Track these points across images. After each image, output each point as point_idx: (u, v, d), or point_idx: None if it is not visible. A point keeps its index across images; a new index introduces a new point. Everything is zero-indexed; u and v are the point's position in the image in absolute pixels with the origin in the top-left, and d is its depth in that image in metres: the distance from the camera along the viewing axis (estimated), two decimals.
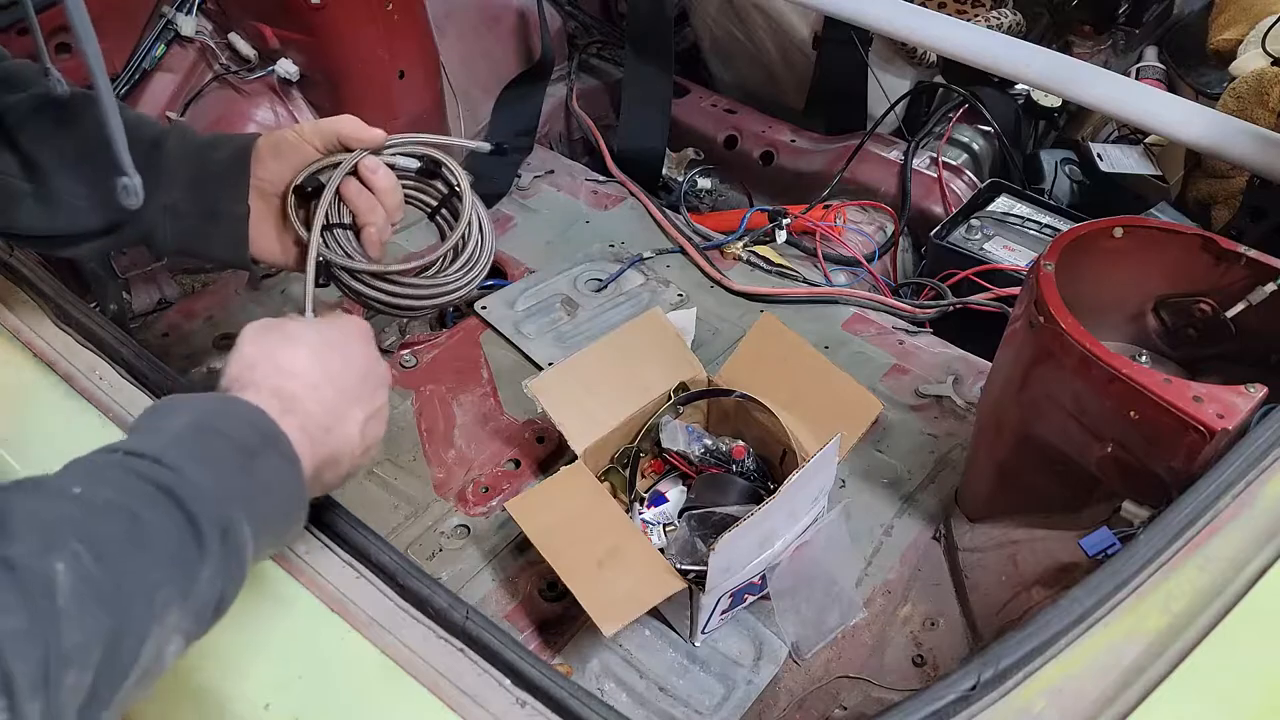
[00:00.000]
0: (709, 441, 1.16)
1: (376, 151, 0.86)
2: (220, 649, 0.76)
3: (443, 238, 0.89)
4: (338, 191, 0.84)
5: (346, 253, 0.85)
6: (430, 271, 0.89)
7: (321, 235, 0.84)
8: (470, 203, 0.88)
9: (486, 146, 0.98)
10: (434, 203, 0.90)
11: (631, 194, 1.68)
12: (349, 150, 0.85)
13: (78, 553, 0.48)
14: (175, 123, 0.86)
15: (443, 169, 0.89)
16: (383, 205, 0.85)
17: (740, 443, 1.16)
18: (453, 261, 0.89)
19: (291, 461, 0.64)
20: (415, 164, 0.88)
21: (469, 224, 0.89)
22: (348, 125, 0.84)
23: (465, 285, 0.89)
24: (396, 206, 0.86)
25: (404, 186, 0.88)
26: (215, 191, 0.83)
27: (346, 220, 0.85)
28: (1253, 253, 0.94)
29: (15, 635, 0.44)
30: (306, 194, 0.85)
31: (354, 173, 0.85)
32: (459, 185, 0.89)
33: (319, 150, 0.85)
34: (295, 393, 0.67)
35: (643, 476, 1.18)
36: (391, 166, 0.87)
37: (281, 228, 0.86)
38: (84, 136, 0.81)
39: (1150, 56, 1.93)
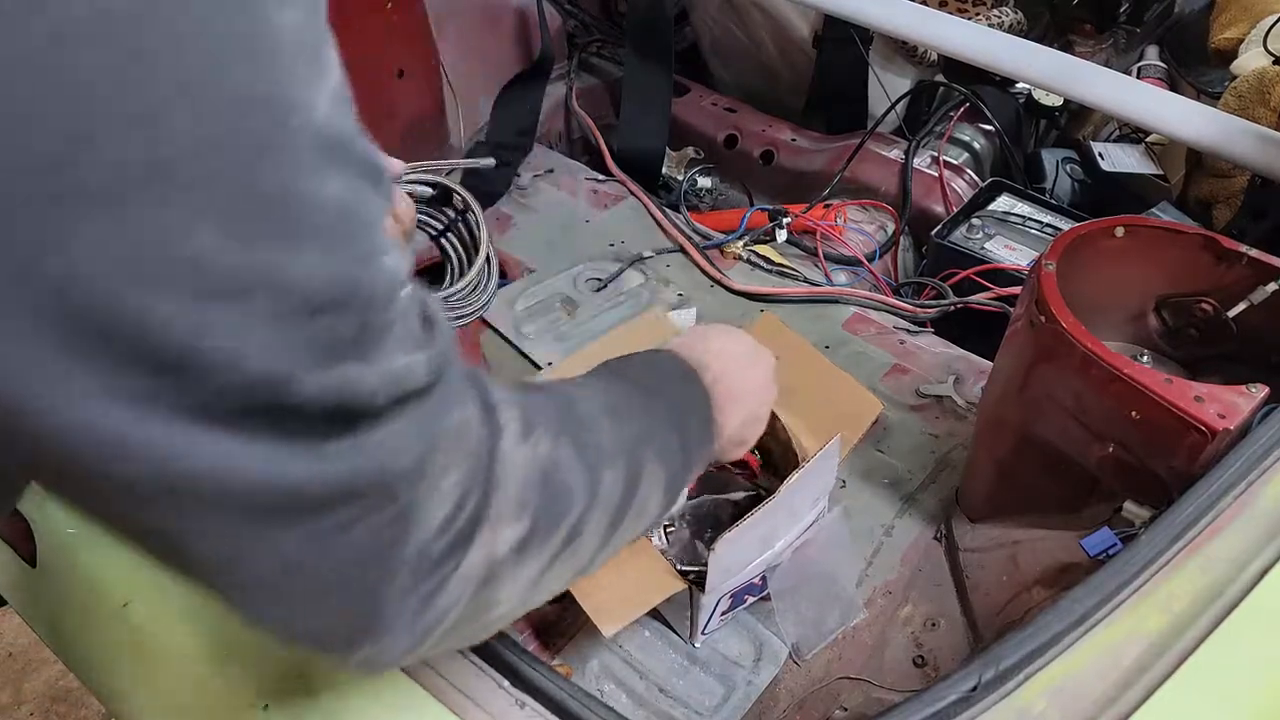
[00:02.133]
0: None
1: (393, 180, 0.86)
2: (219, 649, 0.76)
3: (445, 257, 0.91)
4: None
5: None
6: (457, 297, 0.90)
7: None
8: (486, 232, 0.91)
9: (491, 162, 0.99)
10: (440, 226, 0.91)
11: (631, 193, 1.68)
12: None
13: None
14: None
15: (454, 196, 0.91)
16: (401, 232, 0.86)
17: None
18: (475, 287, 0.91)
19: (705, 403, 0.78)
20: (429, 192, 0.89)
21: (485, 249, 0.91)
22: None
23: (484, 306, 0.91)
24: (412, 233, 0.88)
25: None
26: None
27: None
28: (1254, 252, 0.93)
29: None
30: None
31: None
32: (473, 213, 0.91)
33: None
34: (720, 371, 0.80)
35: None
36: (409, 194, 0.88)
37: None
38: None
39: (1151, 55, 1.93)
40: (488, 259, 0.92)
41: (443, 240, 0.93)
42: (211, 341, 0.36)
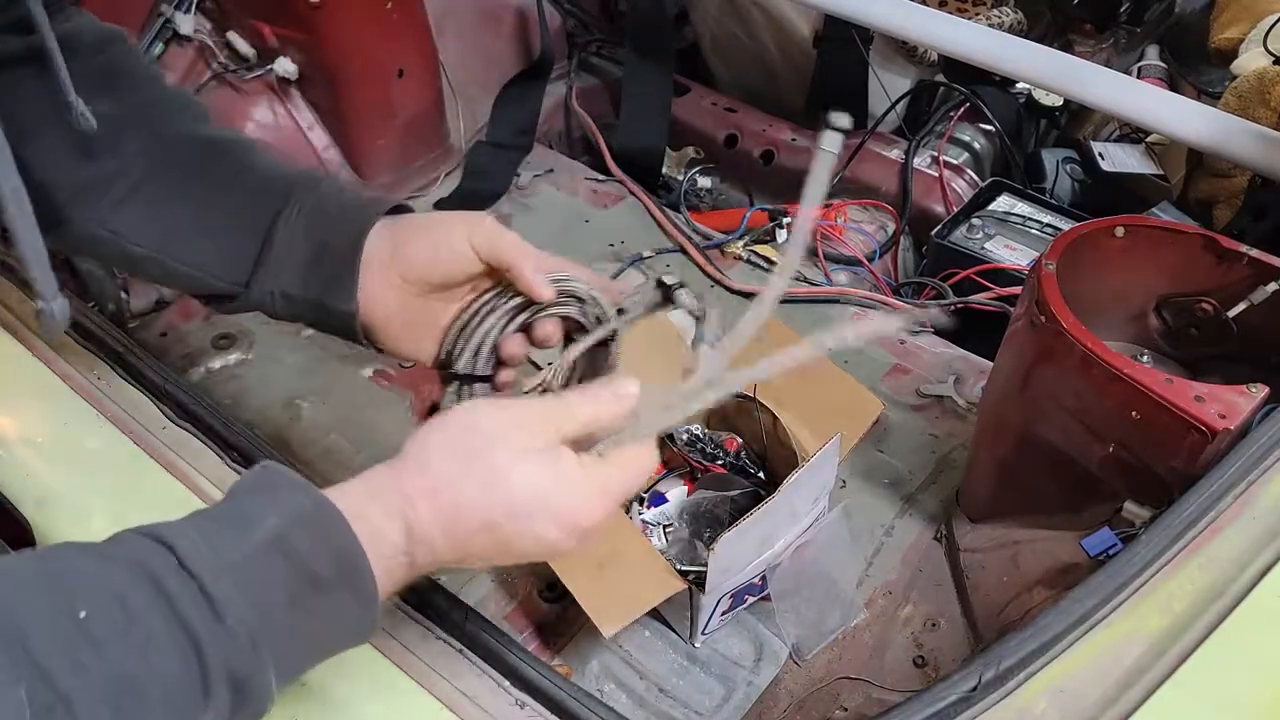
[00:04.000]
0: (697, 429, 1.16)
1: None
2: None
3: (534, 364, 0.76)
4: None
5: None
6: None
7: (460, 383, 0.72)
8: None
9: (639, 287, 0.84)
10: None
11: (631, 193, 1.68)
12: (497, 270, 0.72)
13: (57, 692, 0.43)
14: (309, 178, 0.76)
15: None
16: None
17: (730, 435, 1.16)
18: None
19: (365, 601, 0.54)
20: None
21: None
22: (527, 263, 0.71)
23: None
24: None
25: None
26: (323, 284, 0.73)
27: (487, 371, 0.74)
28: (1254, 252, 0.93)
29: None
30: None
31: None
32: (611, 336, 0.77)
33: (480, 256, 0.71)
34: (430, 535, 0.56)
35: None
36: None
37: (419, 318, 0.74)
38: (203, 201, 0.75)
39: (1151, 55, 1.93)
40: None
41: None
42: None
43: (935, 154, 1.67)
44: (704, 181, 1.77)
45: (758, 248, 1.55)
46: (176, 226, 0.75)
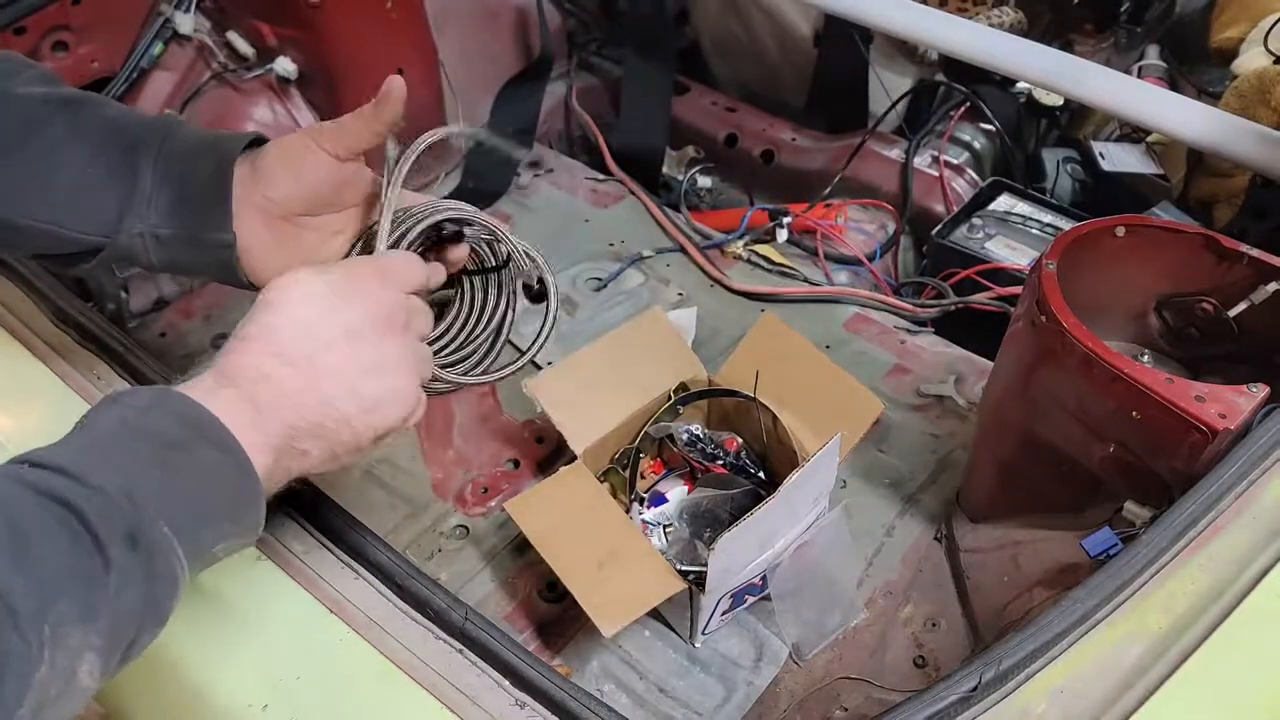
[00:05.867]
0: (697, 429, 1.16)
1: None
2: (218, 650, 0.76)
3: (460, 299, 0.81)
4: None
5: None
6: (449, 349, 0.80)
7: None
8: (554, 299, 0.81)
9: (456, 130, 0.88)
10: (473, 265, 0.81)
11: (631, 192, 1.68)
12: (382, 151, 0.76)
13: None
14: (165, 122, 0.77)
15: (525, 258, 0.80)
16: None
17: (730, 435, 1.16)
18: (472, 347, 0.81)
19: (226, 449, 0.57)
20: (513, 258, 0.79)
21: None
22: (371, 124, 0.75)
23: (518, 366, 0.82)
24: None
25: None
26: (195, 217, 0.74)
27: None
28: (1255, 252, 0.93)
29: None
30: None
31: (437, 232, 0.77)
32: (541, 273, 0.80)
33: (338, 156, 0.75)
34: (264, 369, 0.60)
35: (642, 477, 1.18)
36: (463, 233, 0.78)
37: (294, 251, 0.76)
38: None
39: (1152, 55, 1.93)
40: (498, 329, 0.81)
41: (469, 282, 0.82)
42: None
43: (936, 153, 1.67)
44: (704, 181, 1.77)
45: (758, 247, 1.55)
46: (20, 184, 0.73)
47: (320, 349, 0.61)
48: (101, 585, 0.49)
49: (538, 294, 0.81)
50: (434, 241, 0.79)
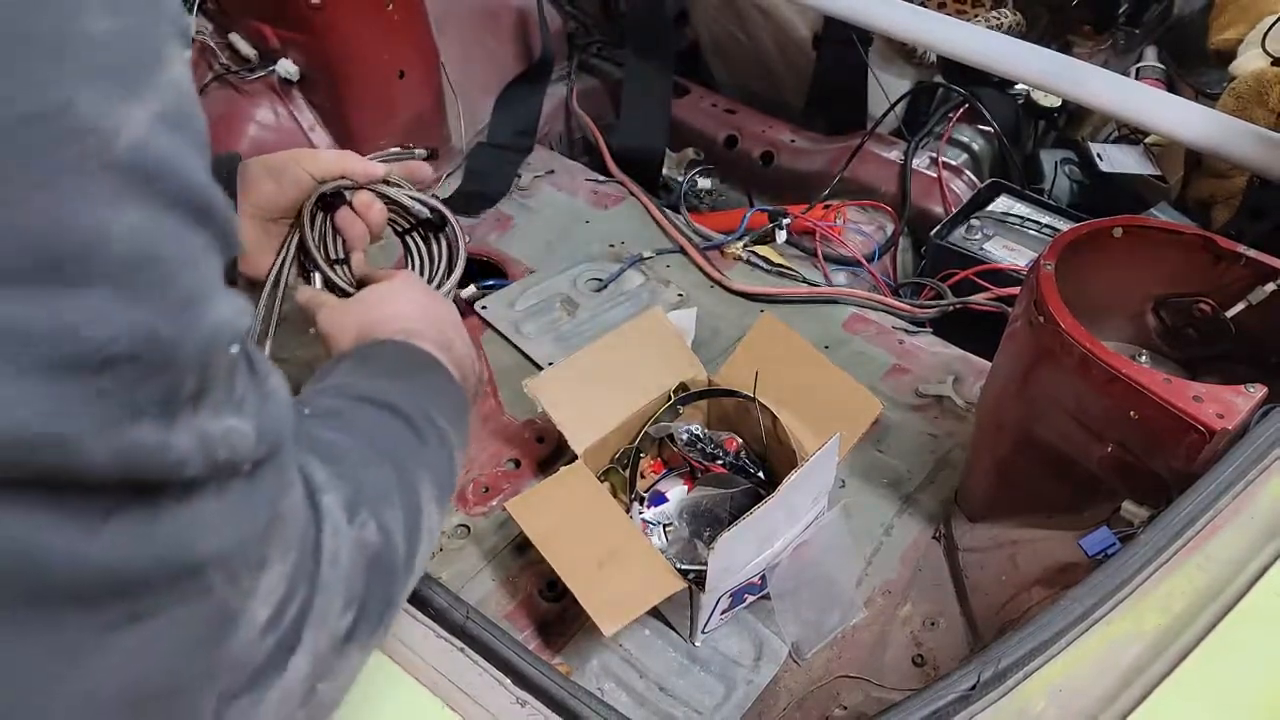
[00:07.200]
0: (697, 429, 1.16)
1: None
2: None
3: (407, 254, 0.96)
4: (332, 220, 0.90)
5: (333, 281, 0.90)
6: None
7: (308, 259, 0.89)
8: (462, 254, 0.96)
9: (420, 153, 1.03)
10: (406, 225, 0.95)
11: (631, 194, 1.68)
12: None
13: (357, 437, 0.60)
14: None
15: (447, 223, 0.95)
16: (370, 233, 0.91)
17: (730, 435, 1.16)
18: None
19: (442, 371, 0.76)
20: (425, 213, 0.93)
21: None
22: (352, 162, 0.89)
23: None
24: (379, 235, 0.93)
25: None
26: None
27: (332, 252, 0.90)
28: (1252, 253, 0.94)
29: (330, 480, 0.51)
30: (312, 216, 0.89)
31: (349, 203, 0.90)
32: (454, 236, 0.95)
33: (315, 179, 0.88)
34: (416, 329, 0.79)
35: (642, 476, 1.18)
36: (396, 202, 0.92)
37: (269, 244, 0.89)
38: None
39: (1150, 56, 1.93)
40: (449, 262, 0.96)
41: (407, 239, 0.96)
42: None
43: (934, 155, 1.67)
44: (704, 182, 1.77)
45: (757, 248, 1.55)
46: None
47: (430, 300, 0.85)
48: (423, 451, 0.64)
49: (438, 221, 0.95)
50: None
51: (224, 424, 0.38)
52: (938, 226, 1.54)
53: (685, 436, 1.15)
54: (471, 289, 1.44)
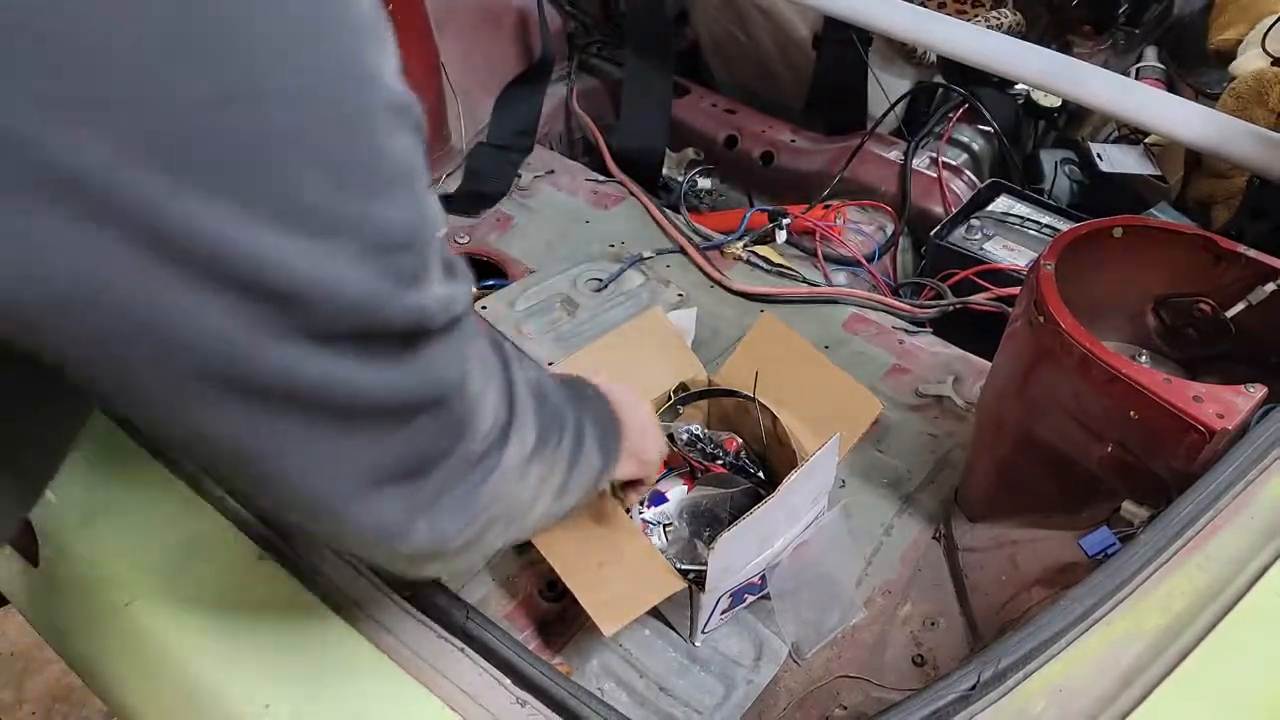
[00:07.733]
0: (697, 429, 1.16)
1: None
2: (220, 648, 0.76)
3: None
4: None
5: None
6: None
7: None
8: None
9: None
10: None
11: (631, 194, 1.68)
12: None
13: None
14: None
15: None
16: None
17: (730, 435, 1.16)
18: None
19: (606, 401, 0.86)
20: None
21: None
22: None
23: None
24: None
25: None
26: None
27: None
28: (1252, 253, 0.94)
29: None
30: None
31: None
32: None
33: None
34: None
35: None
36: None
37: None
38: None
39: (1150, 56, 1.93)
40: None
41: None
42: (319, 273, 0.43)
43: (934, 155, 1.67)
44: (704, 182, 1.77)
45: (758, 248, 1.55)
46: None
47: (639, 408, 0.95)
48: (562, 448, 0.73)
49: None
50: None
51: (448, 288, 0.51)
52: (938, 226, 1.54)
53: (685, 436, 1.15)
54: (472, 289, 1.44)
